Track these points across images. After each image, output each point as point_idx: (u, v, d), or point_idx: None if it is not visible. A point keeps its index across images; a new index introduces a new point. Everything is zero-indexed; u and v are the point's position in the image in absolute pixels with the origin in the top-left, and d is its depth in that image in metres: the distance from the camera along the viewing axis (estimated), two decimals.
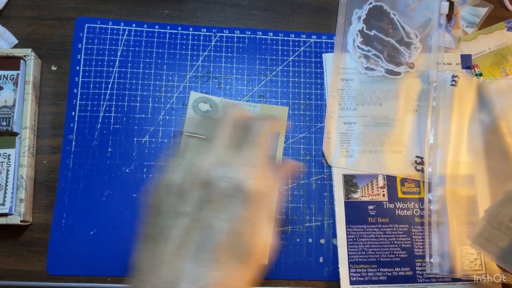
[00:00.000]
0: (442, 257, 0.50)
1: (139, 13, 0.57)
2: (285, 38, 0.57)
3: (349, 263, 0.50)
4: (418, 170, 0.53)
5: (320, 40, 0.57)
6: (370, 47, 0.57)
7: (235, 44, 0.57)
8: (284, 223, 0.51)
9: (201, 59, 0.56)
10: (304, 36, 0.57)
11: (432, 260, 0.50)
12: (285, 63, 0.56)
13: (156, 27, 0.56)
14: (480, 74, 0.56)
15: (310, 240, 0.51)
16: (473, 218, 0.52)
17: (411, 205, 0.52)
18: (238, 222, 0.27)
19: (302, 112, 0.55)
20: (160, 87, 0.54)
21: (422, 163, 0.53)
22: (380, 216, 0.52)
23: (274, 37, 0.57)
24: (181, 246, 0.26)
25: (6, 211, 0.47)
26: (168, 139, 0.53)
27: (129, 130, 0.53)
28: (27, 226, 0.50)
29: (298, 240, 0.51)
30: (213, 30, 0.57)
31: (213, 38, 0.57)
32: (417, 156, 0.54)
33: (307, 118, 0.55)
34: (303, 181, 0.53)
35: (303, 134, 0.54)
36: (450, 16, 0.59)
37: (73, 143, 0.52)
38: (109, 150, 0.52)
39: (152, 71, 0.55)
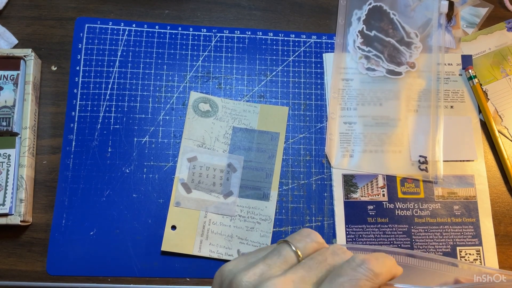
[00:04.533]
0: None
1: (139, 13, 0.57)
2: (285, 38, 0.57)
3: None
4: (422, 170, 0.53)
5: (320, 40, 0.57)
6: (370, 47, 0.57)
7: (235, 44, 0.57)
8: (284, 223, 0.51)
9: (201, 59, 0.56)
10: (304, 36, 0.57)
11: None
12: (285, 63, 0.56)
13: (156, 27, 0.56)
14: (474, 77, 0.56)
15: None
16: (472, 219, 0.53)
17: (411, 205, 0.52)
18: None
19: (302, 112, 0.55)
20: (160, 87, 0.54)
21: (426, 162, 0.53)
22: (380, 216, 0.52)
23: (274, 37, 0.57)
24: None
25: (6, 211, 0.47)
26: (168, 139, 0.53)
27: (129, 130, 0.53)
28: (27, 226, 0.50)
29: None
30: (213, 30, 0.57)
31: (213, 38, 0.57)
32: (420, 156, 0.53)
33: (307, 118, 0.55)
34: (303, 182, 0.53)
35: (303, 134, 0.54)
36: (450, 16, 0.59)
37: (73, 143, 0.52)
38: (109, 150, 0.52)
39: (152, 71, 0.55)
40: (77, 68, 0.54)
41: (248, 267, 0.25)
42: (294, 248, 0.26)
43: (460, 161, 0.54)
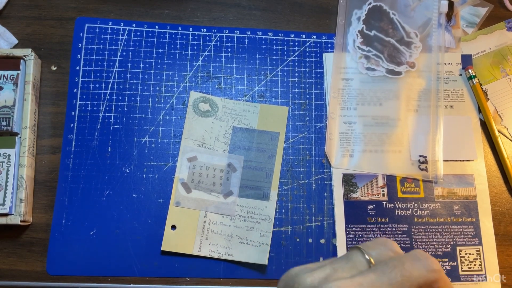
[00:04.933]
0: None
1: (139, 13, 0.57)
2: (285, 38, 0.57)
3: None
4: (422, 169, 0.53)
5: (320, 40, 0.57)
6: (370, 47, 0.57)
7: (235, 44, 0.57)
8: (284, 223, 0.51)
9: (201, 59, 0.56)
10: (304, 36, 0.57)
11: None
12: (285, 63, 0.56)
13: (156, 27, 0.56)
14: (474, 76, 0.56)
15: (310, 240, 0.51)
16: (472, 219, 0.53)
17: (411, 205, 0.52)
18: None
19: (302, 112, 0.55)
20: (160, 87, 0.54)
21: (426, 161, 0.53)
22: (380, 215, 0.52)
23: (274, 37, 0.57)
24: None
25: (6, 211, 0.47)
26: (168, 139, 0.53)
27: (129, 130, 0.53)
28: (27, 226, 0.50)
29: (298, 240, 0.51)
30: (213, 30, 0.57)
31: (213, 38, 0.57)
32: (420, 155, 0.54)
33: (307, 118, 0.55)
34: (303, 181, 0.53)
35: (303, 134, 0.54)
36: (450, 16, 0.59)
37: (73, 143, 0.52)
38: (109, 150, 0.52)
39: (152, 71, 0.55)
40: (77, 68, 0.54)
41: (314, 269, 0.23)
42: (366, 256, 0.23)
43: (460, 160, 0.54)
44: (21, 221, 0.47)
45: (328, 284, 0.21)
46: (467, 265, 0.51)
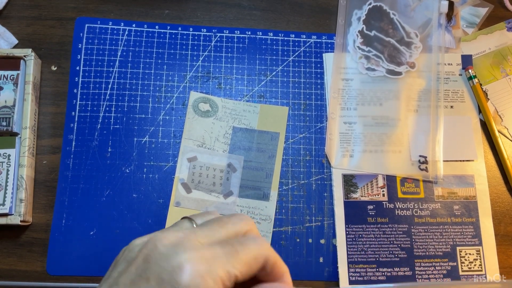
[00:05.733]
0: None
1: (139, 13, 0.57)
2: (285, 38, 0.57)
3: (348, 262, 0.50)
4: (422, 169, 0.53)
5: (320, 40, 0.57)
6: (370, 47, 0.57)
7: (235, 44, 0.57)
8: (284, 223, 0.51)
9: (201, 59, 0.56)
10: (304, 36, 0.57)
11: None
12: (285, 63, 0.56)
13: (156, 27, 0.56)
14: (474, 76, 0.56)
15: (310, 240, 0.51)
16: (472, 219, 0.53)
17: (411, 205, 0.52)
18: None
19: (302, 112, 0.55)
20: (160, 87, 0.54)
21: (426, 162, 0.53)
22: (380, 216, 0.52)
23: (274, 37, 0.57)
24: None
25: (6, 211, 0.47)
26: (168, 139, 0.53)
27: (129, 130, 0.53)
28: (27, 226, 0.50)
29: (298, 240, 0.51)
30: (213, 30, 0.57)
31: (213, 38, 0.57)
32: (420, 156, 0.54)
33: (307, 118, 0.55)
34: (303, 181, 0.53)
35: (303, 134, 0.54)
36: (450, 16, 0.59)
37: (73, 143, 0.52)
38: (109, 150, 0.52)
39: (152, 71, 0.55)
40: (77, 68, 0.54)
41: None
42: (194, 224, 0.27)
43: (460, 161, 0.54)
44: (21, 221, 0.47)
45: (157, 234, 0.24)
46: (467, 265, 0.51)
